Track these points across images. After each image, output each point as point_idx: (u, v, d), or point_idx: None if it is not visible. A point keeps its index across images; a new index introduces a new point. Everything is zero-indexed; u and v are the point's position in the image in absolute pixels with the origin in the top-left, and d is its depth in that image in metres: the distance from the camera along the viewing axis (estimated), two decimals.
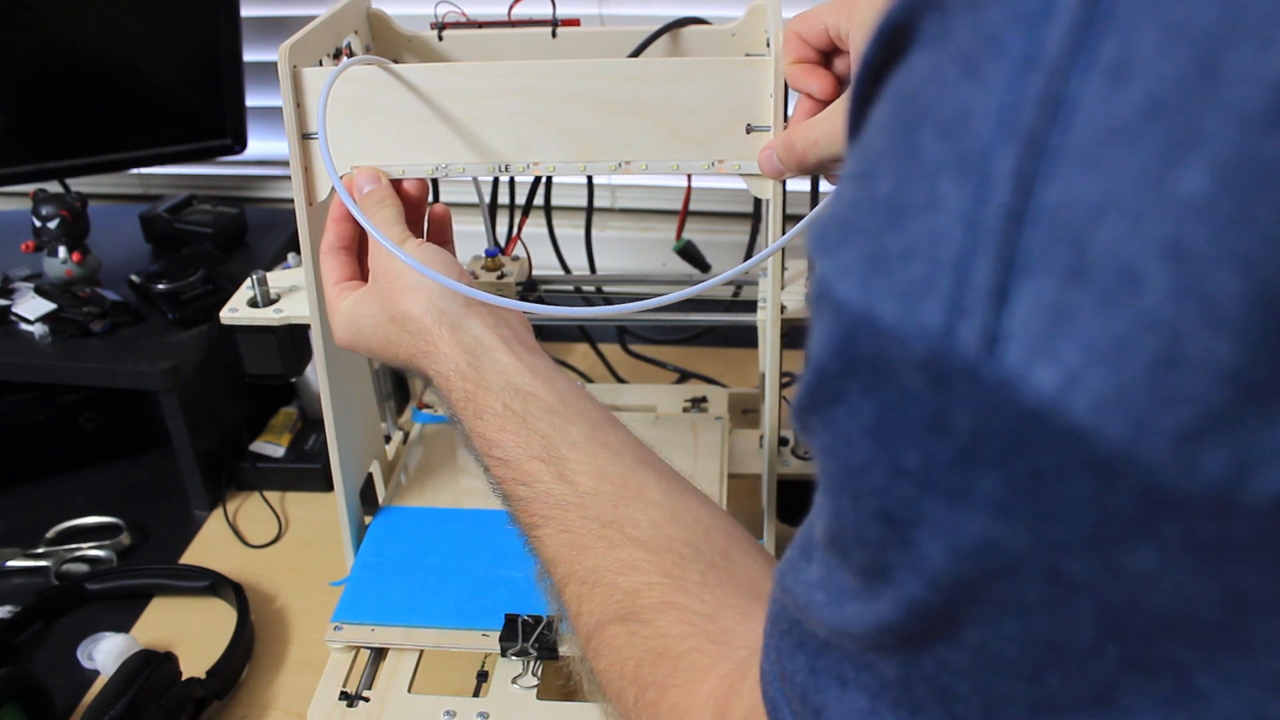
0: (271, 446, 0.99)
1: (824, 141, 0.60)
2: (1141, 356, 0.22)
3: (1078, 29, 0.23)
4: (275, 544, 0.93)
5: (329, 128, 0.65)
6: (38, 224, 0.97)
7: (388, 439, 0.90)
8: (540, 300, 0.95)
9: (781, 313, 0.73)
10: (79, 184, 1.14)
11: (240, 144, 1.12)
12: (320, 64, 0.70)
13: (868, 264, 0.27)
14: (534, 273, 0.93)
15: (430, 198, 0.71)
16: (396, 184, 0.67)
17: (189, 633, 0.83)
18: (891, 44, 0.28)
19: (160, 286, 0.98)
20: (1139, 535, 0.24)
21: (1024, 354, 0.23)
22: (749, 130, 0.65)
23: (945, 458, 0.26)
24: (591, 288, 1.07)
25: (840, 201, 0.29)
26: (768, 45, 0.66)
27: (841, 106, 0.61)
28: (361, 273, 0.66)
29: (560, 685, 0.75)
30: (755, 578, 0.47)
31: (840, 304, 0.27)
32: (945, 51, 0.26)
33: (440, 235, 0.69)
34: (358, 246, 0.67)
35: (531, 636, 0.68)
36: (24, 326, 0.95)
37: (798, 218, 0.65)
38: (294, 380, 0.91)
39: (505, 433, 0.55)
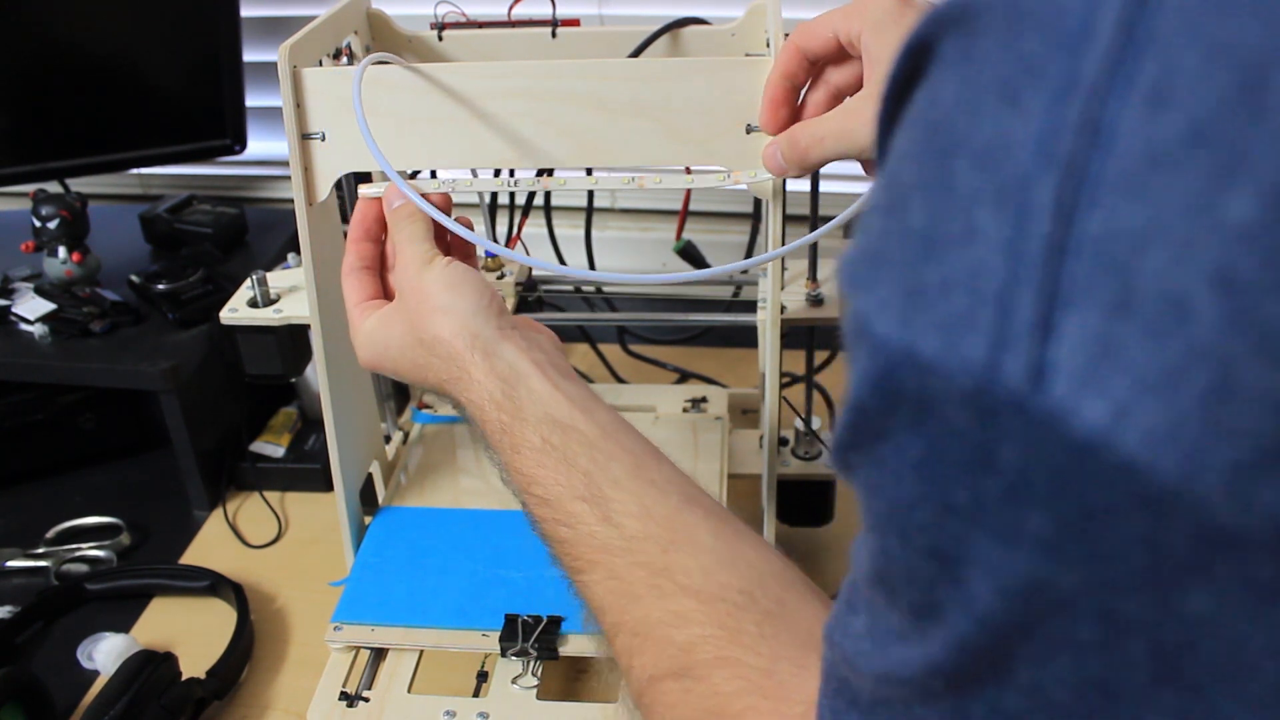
0: (271, 446, 0.99)
1: (830, 139, 0.60)
2: (1193, 388, 0.22)
3: (1115, 53, 0.22)
4: (275, 544, 0.93)
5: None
6: (38, 224, 0.97)
7: (388, 439, 0.90)
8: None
9: (781, 313, 0.73)
10: (79, 184, 1.14)
11: (240, 144, 1.12)
12: (320, 64, 0.70)
13: (905, 298, 0.26)
14: (534, 273, 0.93)
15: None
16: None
17: (189, 633, 0.83)
18: (916, 62, 0.28)
19: (160, 286, 0.98)
20: (1193, 576, 0.23)
21: (1072, 387, 0.23)
22: (749, 130, 0.65)
23: (994, 494, 0.25)
24: (591, 288, 1.07)
25: (869, 234, 0.28)
26: (768, 45, 0.66)
27: (853, 105, 0.60)
28: (384, 292, 0.64)
29: (560, 685, 0.75)
30: (812, 624, 0.45)
31: (879, 340, 0.27)
32: (975, 78, 0.25)
33: (463, 246, 0.67)
34: (379, 266, 0.65)
35: (531, 636, 0.68)
36: (24, 326, 0.95)
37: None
38: (294, 380, 0.90)
39: (544, 469, 0.53)
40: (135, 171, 1.28)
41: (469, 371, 0.56)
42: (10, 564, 0.91)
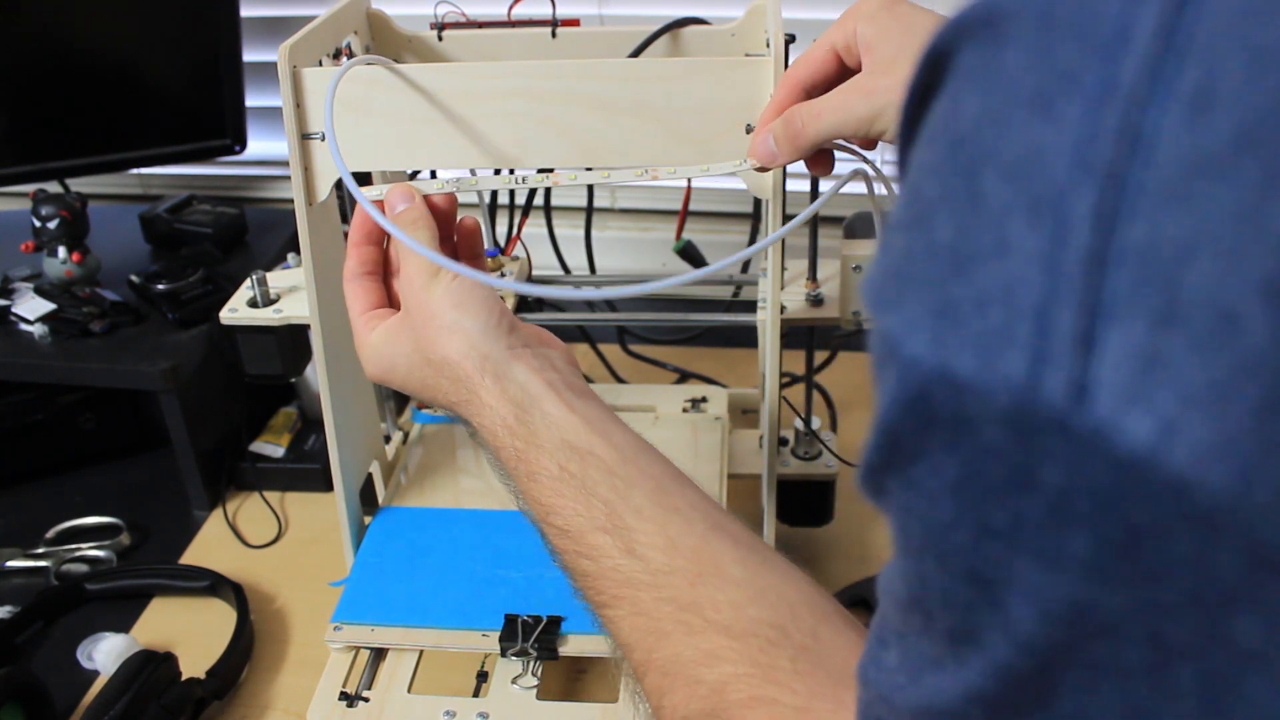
0: (271, 446, 0.99)
1: (828, 114, 0.57)
2: (1244, 402, 0.21)
3: (1155, 58, 0.22)
4: (275, 544, 0.93)
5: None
6: (38, 224, 0.97)
7: (388, 439, 0.90)
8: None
9: (781, 313, 0.73)
10: (79, 184, 1.14)
11: (240, 144, 1.12)
12: (320, 64, 0.70)
13: (936, 317, 0.25)
14: (534, 273, 0.93)
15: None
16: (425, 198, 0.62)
17: (189, 633, 0.83)
18: (934, 72, 0.27)
19: (160, 286, 0.98)
20: (1243, 599, 0.23)
21: (1116, 403, 0.22)
22: (749, 130, 0.64)
23: (1034, 516, 0.24)
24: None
25: (891, 253, 0.28)
26: (767, 45, 0.66)
27: (851, 83, 0.58)
28: (389, 299, 0.62)
29: (560, 685, 0.75)
30: (848, 657, 0.43)
31: (910, 360, 0.26)
32: (1002, 88, 0.24)
33: (471, 249, 0.64)
34: (383, 270, 0.62)
35: (531, 636, 0.68)
36: (24, 326, 0.95)
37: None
38: (294, 380, 0.91)
39: (563, 498, 0.51)
40: (135, 171, 1.28)
41: (479, 395, 0.54)
42: (10, 564, 0.91)
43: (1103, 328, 0.22)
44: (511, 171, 0.74)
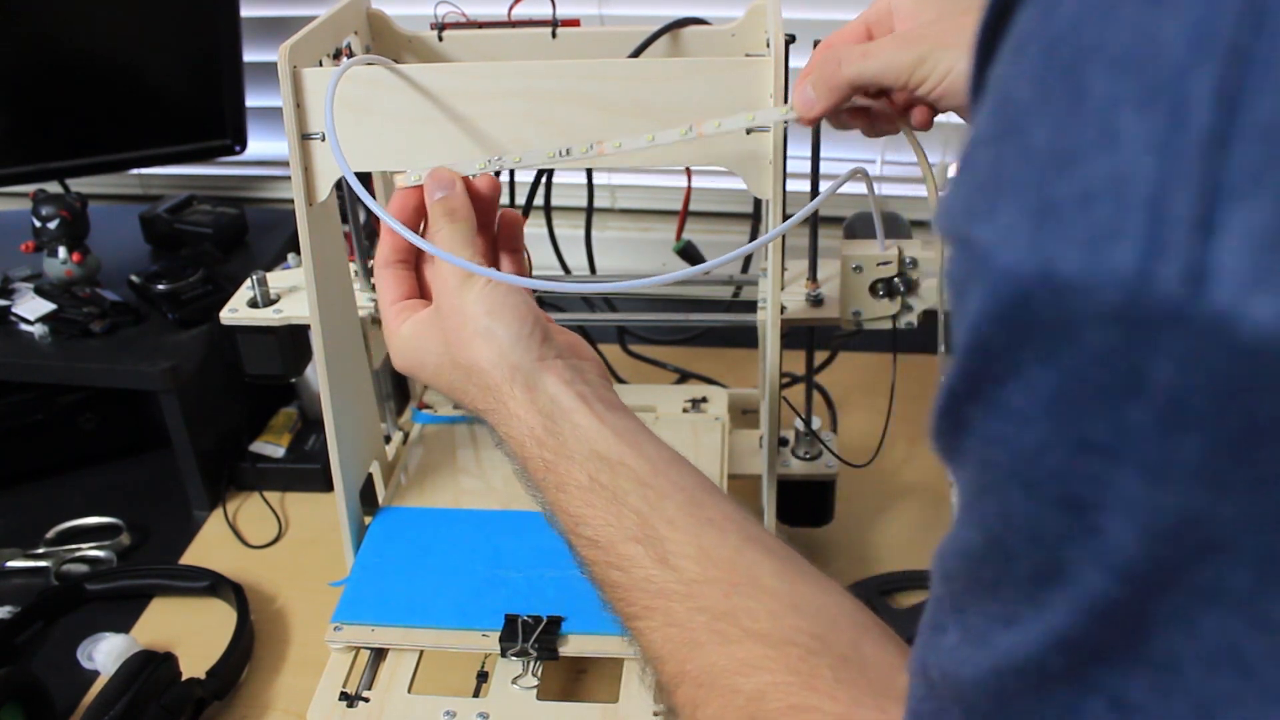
0: (271, 446, 0.99)
1: (871, 57, 0.56)
2: None
3: None
4: (275, 544, 0.93)
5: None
6: (38, 224, 0.97)
7: (388, 439, 0.90)
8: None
9: (781, 313, 0.73)
10: (79, 184, 1.14)
11: (240, 144, 1.12)
12: (320, 64, 0.70)
13: (1035, 218, 0.24)
14: (534, 273, 0.93)
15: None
16: (465, 182, 0.59)
17: (189, 633, 0.83)
18: None
19: (160, 287, 0.98)
20: None
21: (1238, 287, 0.21)
22: (749, 131, 0.64)
23: (1142, 422, 0.23)
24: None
25: (976, 168, 0.27)
26: (768, 45, 0.66)
27: (895, 35, 0.57)
28: (421, 288, 0.60)
29: (560, 685, 0.75)
30: (891, 672, 0.42)
31: (1005, 270, 0.25)
32: None
33: (511, 242, 0.62)
34: (415, 257, 0.61)
35: (531, 636, 0.68)
36: (24, 327, 0.95)
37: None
38: (294, 380, 0.91)
39: (593, 508, 0.49)
40: (135, 171, 1.29)
41: (507, 405, 0.53)
42: (10, 564, 0.91)
43: (1224, 210, 0.21)
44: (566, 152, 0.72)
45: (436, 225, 0.57)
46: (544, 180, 0.93)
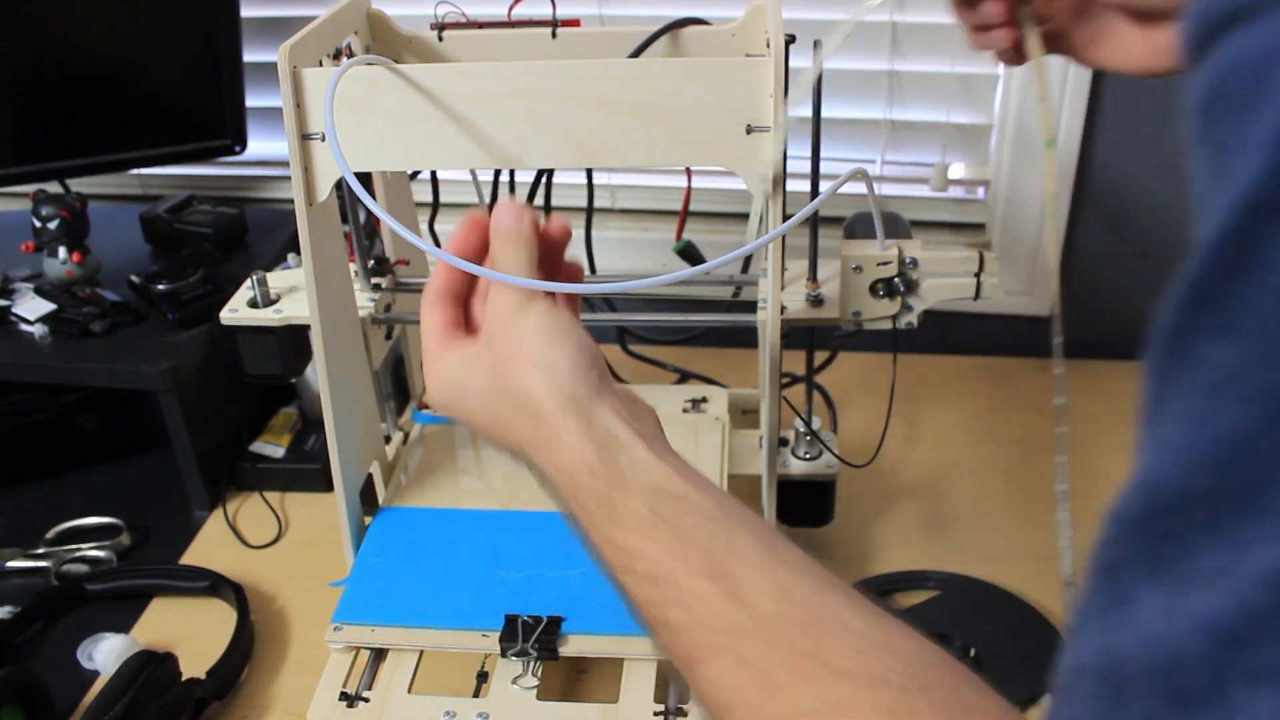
0: (271, 447, 0.99)
1: None
2: None
3: None
4: (275, 544, 0.93)
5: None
6: (38, 224, 0.97)
7: (388, 439, 0.90)
8: None
9: (781, 313, 0.73)
10: (79, 184, 1.14)
11: (240, 144, 1.12)
12: (320, 64, 0.70)
13: None
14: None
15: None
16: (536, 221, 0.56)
17: (189, 633, 0.83)
18: None
19: (160, 287, 0.98)
20: None
21: None
22: (749, 131, 0.65)
23: None
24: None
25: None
26: (768, 45, 0.66)
27: None
28: (467, 320, 0.57)
29: (560, 685, 0.75)
30: (1001, 717, 0.38)
31: None
32: None
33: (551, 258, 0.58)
34: (467, 293, 0.57)
35: (531, 637, 0.68)
36: (24, 327, 0.95)
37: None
38: (294, 380, 0.91)
39: (654, 542, 0.45)
40: (135, 171, 1.28)
41: (559, 435, 0.49)
42: (10, 564, 0.91)
43: None
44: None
45: (500, 252, 0.54)
46: (544, 180, 0.93)
